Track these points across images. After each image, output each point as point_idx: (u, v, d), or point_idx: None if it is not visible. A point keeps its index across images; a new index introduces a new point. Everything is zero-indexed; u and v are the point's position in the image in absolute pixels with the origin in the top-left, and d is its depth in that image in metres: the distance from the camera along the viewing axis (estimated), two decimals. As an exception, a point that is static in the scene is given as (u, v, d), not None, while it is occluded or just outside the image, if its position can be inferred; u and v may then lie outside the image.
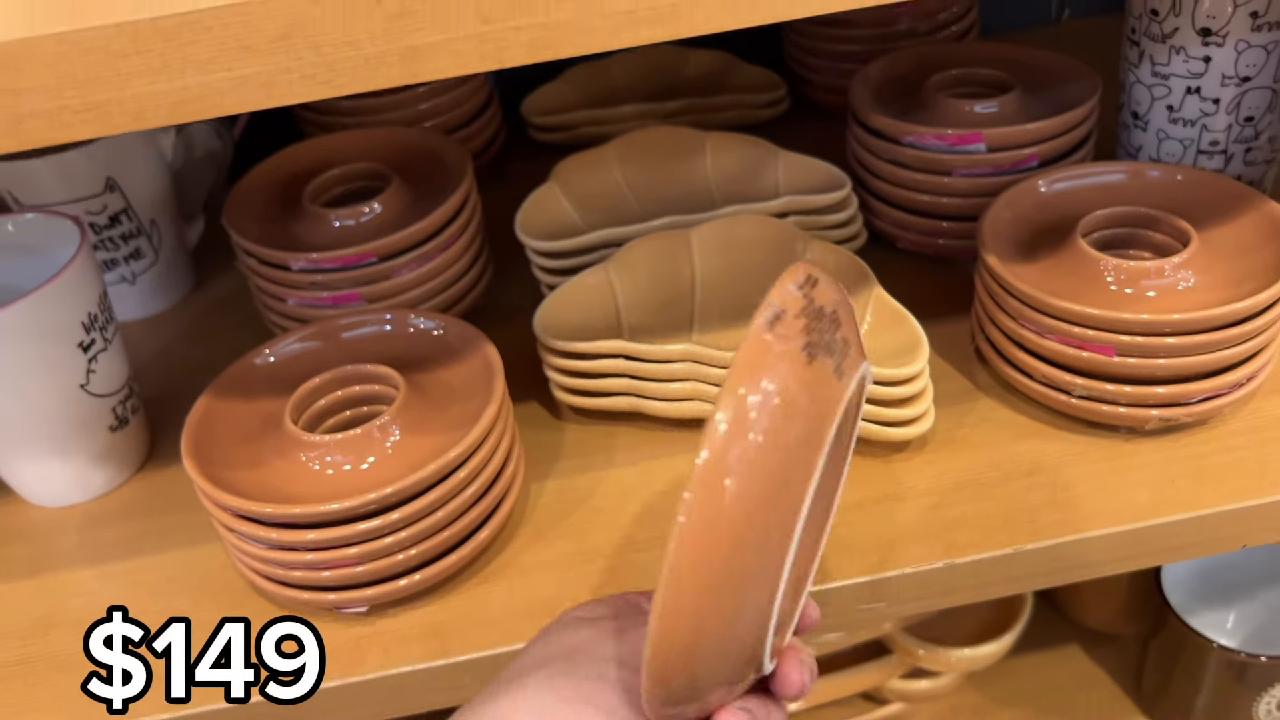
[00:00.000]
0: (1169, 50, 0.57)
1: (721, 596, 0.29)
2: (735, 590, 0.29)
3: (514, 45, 0.30)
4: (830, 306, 0.31)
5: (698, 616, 0.29)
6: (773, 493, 0.28)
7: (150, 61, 0.29)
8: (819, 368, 0.29)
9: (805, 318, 0.30)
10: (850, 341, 0.31)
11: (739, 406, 0.28)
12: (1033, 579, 0.47)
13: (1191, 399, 0.49)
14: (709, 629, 0.29)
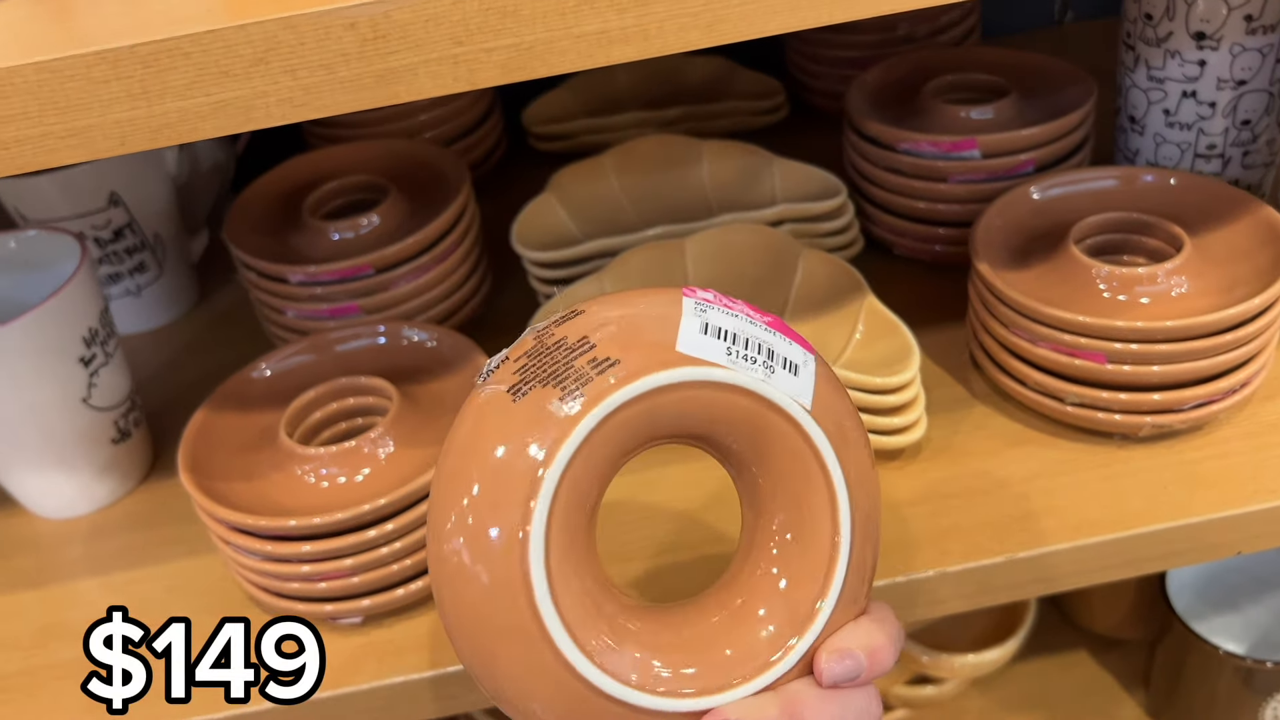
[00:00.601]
0: (1164, 54, 0.57)
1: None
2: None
3: (487, 66, 0.30)
4: (579, 336, 0.30)
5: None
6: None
7: (130, 88, 0.29)
8: (532, 400, 0.29)
9: (525, 358, 0.30)
10: (610, 362, 0.30)
11: (438, 467, 0.30)
12: (1026, 587, 0.47)
13: (1185, 405, 0.48)
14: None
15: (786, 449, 0.32)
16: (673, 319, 0.31)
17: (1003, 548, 0.47)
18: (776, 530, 0.33)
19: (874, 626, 0.33)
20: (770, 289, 0.55)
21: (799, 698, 0.32)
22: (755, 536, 0.34)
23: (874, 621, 0.33)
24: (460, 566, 0.29)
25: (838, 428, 0.33)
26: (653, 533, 0.50)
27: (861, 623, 0.33)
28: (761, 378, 0.31)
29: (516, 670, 0.30)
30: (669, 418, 0.31)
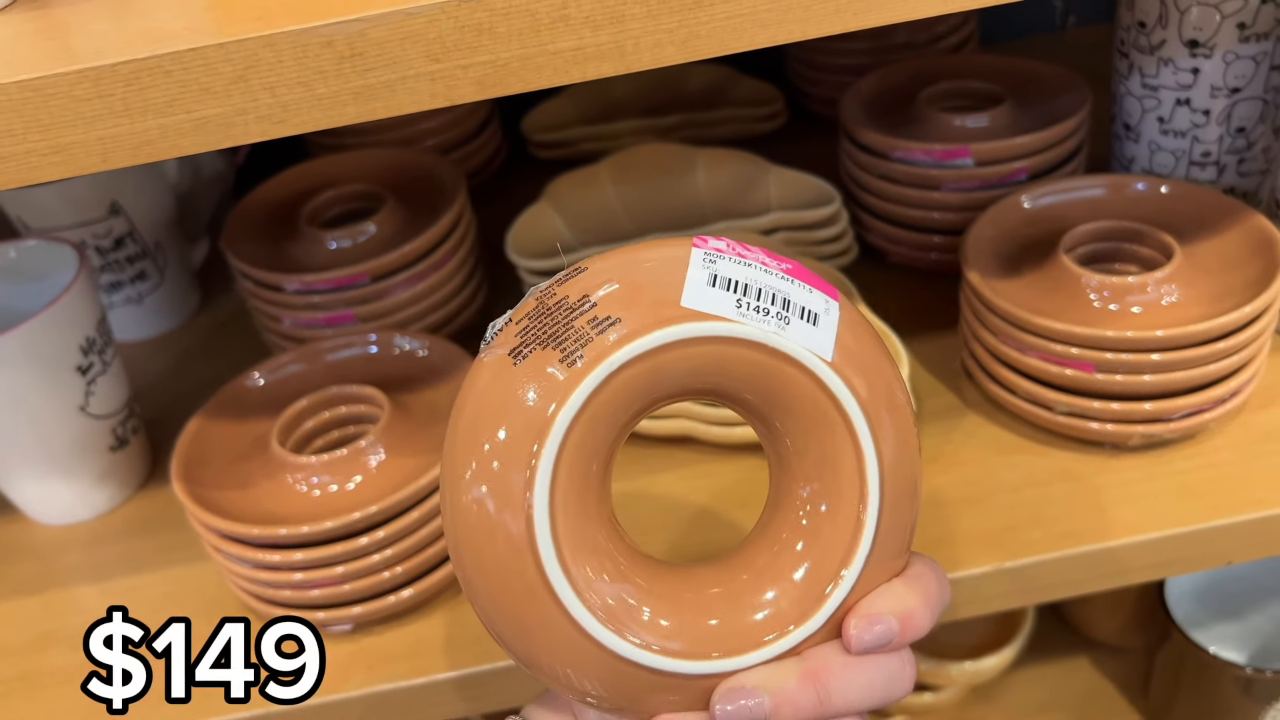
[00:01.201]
0: (1157, 62, 0.57)
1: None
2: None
3: (463, 83, 0.30)
4: (579, 295, 0.29)
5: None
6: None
7: (112, 105, 0.30)
8: (532, 363, 0.29)
9: (527, 320, 0.30)
10: (610, 321, 0.29)
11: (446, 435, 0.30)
12: (1015, 596, 0.47)
13: (1175, 415, 0.48)
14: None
15: (807, 403, 0.31)
16: (678, 272, 0.30)
17: (992, 557, 0.47)
18: (803, 487, 0.32)
19: (907, 589, 0.31)
20: (762, 297, 0.56)
21: (824, 665, 0.30)
22: (781, 495, 0.33)
23: (908, 583, 0.32)
24: (469, 529, 0.29)
25: (865, 379, 0.31)
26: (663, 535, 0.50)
27: (895, 585, 0.32)
28: (775, 329, 0.29)
29: (538, 634, 0.30)
30: (678, 374, 0.30)
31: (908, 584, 0.32)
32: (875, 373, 0.31)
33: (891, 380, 0.32)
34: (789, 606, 0.31)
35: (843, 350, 0.31)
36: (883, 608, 0.31)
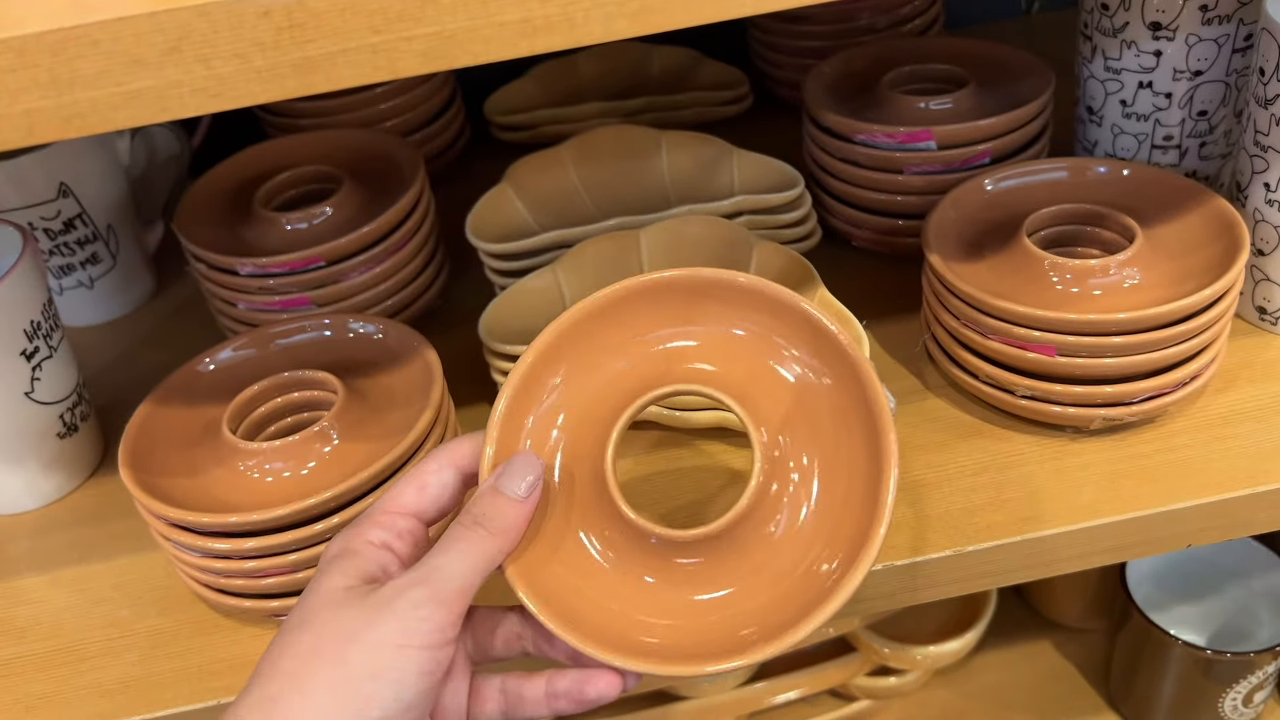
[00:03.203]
0: (1120, 44, 0.57)
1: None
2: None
3: (407, 55, 0.29)
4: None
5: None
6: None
7: (38, 76, 0.28)
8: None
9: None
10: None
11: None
12: (974, 581, 0.47)
13: (1135, 398, 0.48)
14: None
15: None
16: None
17: (953, 541, 0.46)
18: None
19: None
20: (724, 281, 0.55)
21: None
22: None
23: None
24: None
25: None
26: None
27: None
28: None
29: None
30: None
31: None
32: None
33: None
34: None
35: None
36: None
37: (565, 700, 0.36)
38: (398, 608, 0.33)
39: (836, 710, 0.77)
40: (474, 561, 0.34)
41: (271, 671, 0.33)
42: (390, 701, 0.32)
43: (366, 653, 0.32)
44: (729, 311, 0.39)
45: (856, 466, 0.37)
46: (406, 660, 0.32)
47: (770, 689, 0.74)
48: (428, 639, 0.33)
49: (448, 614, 0.33)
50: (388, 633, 0.32)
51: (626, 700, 0.71)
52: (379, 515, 0.36)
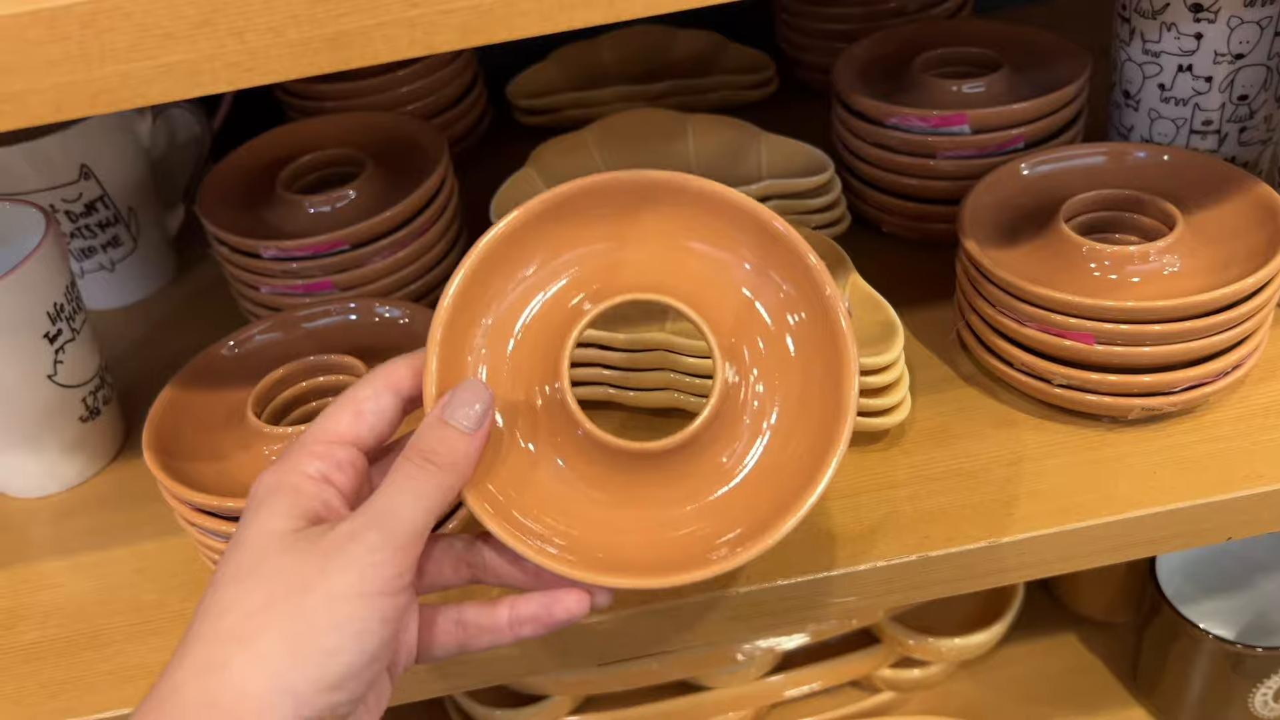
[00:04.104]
0: (1160, 27, 0.55)
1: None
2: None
3: (444, 29, 0.29)
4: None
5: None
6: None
7: (68, 49, 0.28)
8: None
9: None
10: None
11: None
12: (1009, 573, 0.46)
13: (1175, 388, 0.47)
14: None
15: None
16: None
17: (987, 532, 0.46)
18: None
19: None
20: (753, 266, 0.54)
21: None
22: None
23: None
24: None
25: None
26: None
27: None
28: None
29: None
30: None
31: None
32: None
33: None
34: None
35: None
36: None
37: (531, 625, 0.35)
38: (352, 554, 0.30)
39: (859, 702, 0.76)
40: (427, 502, 0.32)
41: (215, 633, 0.30)
42: (355, 654, 0.30)
43: (324, 604, 0.30)
44: (682, 218, 0.38)
45: (813, 378, 0.37)
46: (368, 609, 0.30)
47: (792, 680, 0.73)
48: (387, 585, 0.31)
49: (405, 558, 0.31)
50: (346, 582, 0.30)
51: (648, 690, 0.71)
52: (314, 445, 0.33)
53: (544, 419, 0.37)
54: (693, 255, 0.38)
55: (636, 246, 0.38)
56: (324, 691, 0.29)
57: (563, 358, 0.36)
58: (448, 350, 0.35)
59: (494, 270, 0.37)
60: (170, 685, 0.30)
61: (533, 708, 0.68)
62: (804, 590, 0.45)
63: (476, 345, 0.37)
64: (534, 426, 0.37)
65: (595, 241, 0.38)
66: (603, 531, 0.36)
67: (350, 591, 0.30)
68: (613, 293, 0.37)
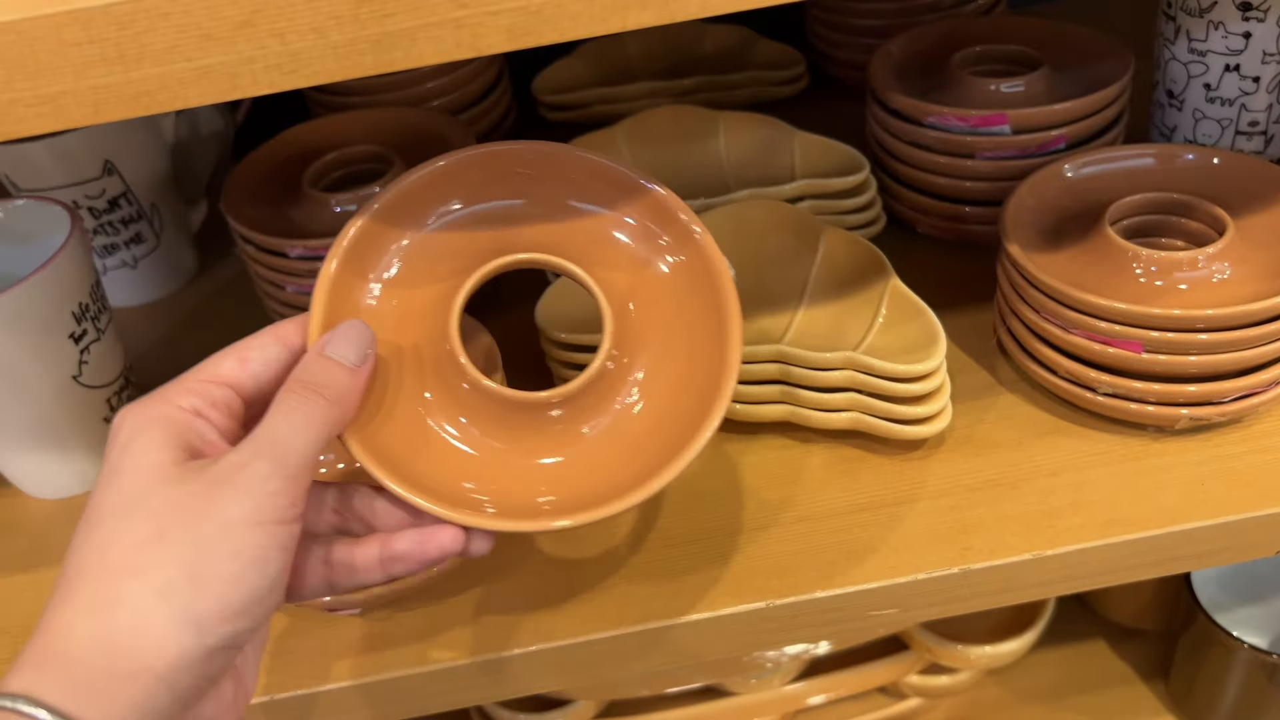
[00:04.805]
0: (1207, 25, 0.54)
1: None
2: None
3: (492, 31, 0.28)
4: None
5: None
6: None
7: (105, 51, 0.27)
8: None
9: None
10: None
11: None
12: (1053, 586, 0.45)
13: (1224, 398, 0.46)
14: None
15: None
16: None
17: (1030, 545, 0.45)
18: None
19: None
20: (789, 268, 0.53)
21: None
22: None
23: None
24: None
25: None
26: (684, 518, 0.48)
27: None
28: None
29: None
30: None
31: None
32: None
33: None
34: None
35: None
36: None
37: (404, 562, 0.34)
38: (244, 483, 0.30)
39: (885, 708, 0.75)
40: (315, 432, 0.32)
41: (103, 568, 0.29)
42: (258, 579, 0.30)
43: (221, 532, 0.29)
44: (571, 185, 0.39)
45: (698, 335, 0.38)
46: (267, 536, 0.30)
47: (818, 686, 0.72)
48: (282, 514, 0.30)
49: (296, 487, 0.31)
50: (241, 510, 0.30)
51: (672, 697, 0.70)
52: (190, 383, 0.33)
53: (432, 371, 0.38)
54: (581, 215, 0.40)
55: (528, 210, 0.40)
56: (227, 620, 0.29)
57: (452, 315, 0.37)
58: (335, 302, 0.36)
59: (382, 232, 0.38)
60: (56, 628, 0.29)
61: (557, 712, 0.68)
62: (844, 602, 0.44)
63: (365, 302, 0.37)
64: (422, 378, 0.37)
65: (485, 201, 0.39)
66: (482, 477, 0.37)
67: (248, 519, 0.30)
68: (503, 253, 0.38)
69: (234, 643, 0.30)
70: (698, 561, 0.46)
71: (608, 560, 0.47)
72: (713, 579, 0.45)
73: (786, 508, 0.47)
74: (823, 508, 0.47)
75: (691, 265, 0.39)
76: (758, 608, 0.44)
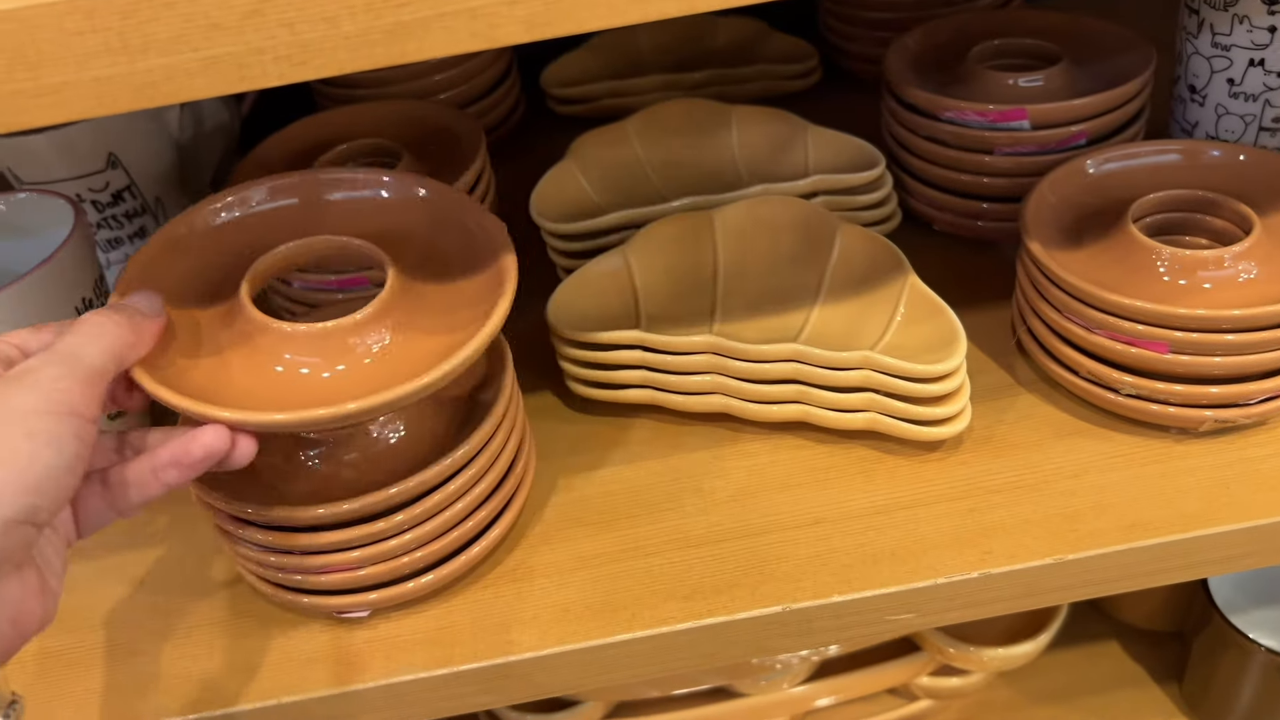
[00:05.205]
0: (1231, 19, 0.53)
1: None
2: None
3: (509, 22, 0.27)
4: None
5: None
6: None
7: (108, 41, 0.26)
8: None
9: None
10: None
11: None
12: (1074, 590, 0.44)
13: (1250, 400, 0.45)
14: None
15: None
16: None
17: (1051, 549, 0.44)
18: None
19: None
20: (804, 266, 0.52)
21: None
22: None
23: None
24: None
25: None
26: (700, 518, 0.47)
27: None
28: None
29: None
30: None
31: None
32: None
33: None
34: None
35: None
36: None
37: (175, 468, 0.36)
38: (33, 381, 0.32)
39: (895, 709, 0.74)
40: (106, 344, 0.35)
41: None
42: (53, 458, 0.31)
43: (16, 418, 0.31)
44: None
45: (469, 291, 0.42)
46: (59, 424, 0.32)
47: (829, 688, 0.71)
48: (73, 407, 0.32)
49: (89, 389, 0.33)
50: (32, 400, 0.32)
51: (680, 698, 0.69)
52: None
53: (222, 321, 0.41)
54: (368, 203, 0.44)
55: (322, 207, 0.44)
56: (23, 493, 0.31)
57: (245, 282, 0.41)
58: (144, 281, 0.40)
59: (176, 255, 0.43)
60: None
61: (565, 713, 0.67)
62: (861, 607, 0.43)
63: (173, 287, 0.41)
64: (219, 328, 0.41)
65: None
66: (253, 390, 0.39)
67: (39, 409, 0.32)
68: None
69: (32, 518, 0.31)
70: (712, 565, 0.45)
71: (621, 564, 0.46)
72: (728, 583, 0.44)
73: (801, 510, 0.47)
74: (838, 510, 0.46)
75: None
76: (774, 612, 0.43)
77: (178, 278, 0.42)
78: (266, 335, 0.40)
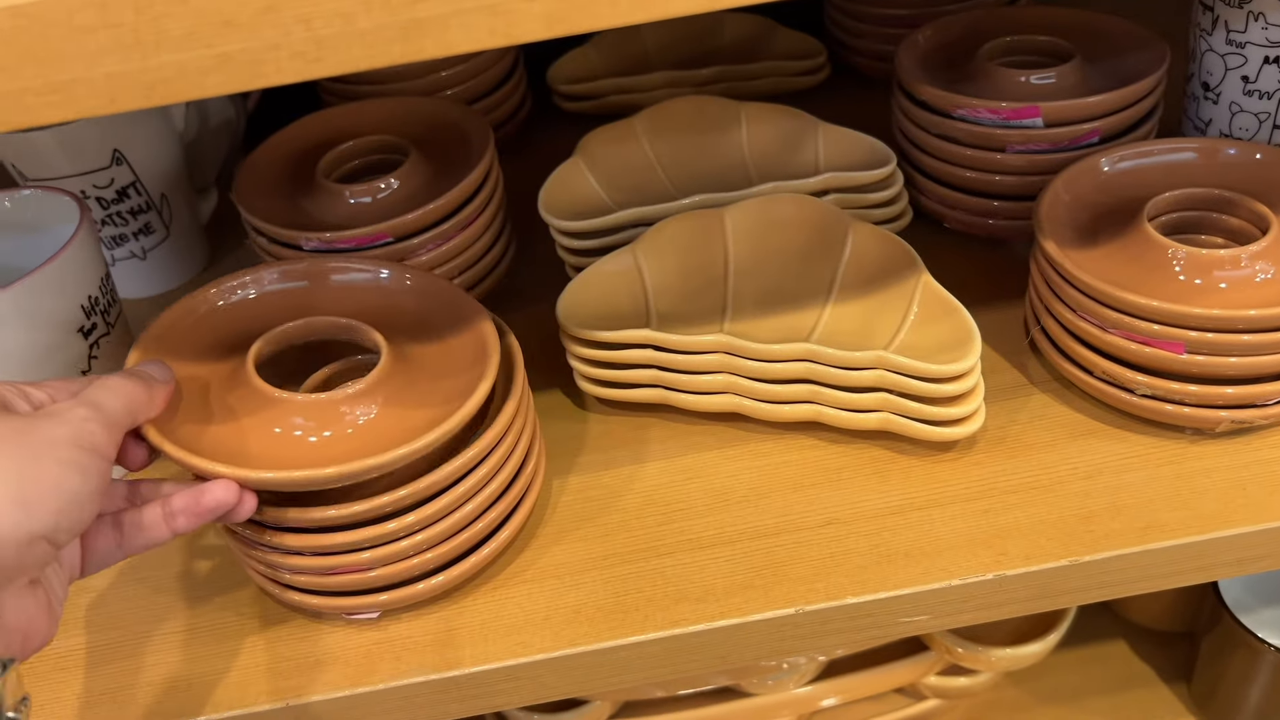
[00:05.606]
0: (1246, 16, 0.53)
1: None
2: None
3: (527, 19, 0.26)
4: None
5: None
6: None
7: (120, 37, 0.25)
8: None
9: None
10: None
11: None
12: (1089, 592, 0.44)
13: (1267, 400, 0.45)
14: None
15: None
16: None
17: (1066, 550, 0.43)
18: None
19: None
20: (816, 264, 0.52)
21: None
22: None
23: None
24: None
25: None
26: (710, 518, 0.47)
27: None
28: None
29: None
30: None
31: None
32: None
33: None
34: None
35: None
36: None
37: (184, 516, 0.39)
38: (64, 417, 0.34)
39: (902, 709, 0.74)
40: (126, 399, 0.37)
41: None
42: (80, 485, 0.33)
43: (46, 446, 0.33)
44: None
45: (455, 362, 0.45)
46: (85, 456, 0.34)
47: (836, 687, 0.71)
48: (97, 446, 0.35)
49: (109, 435, 0.36)
50: (63, 433, 0.34)
51: (688, 698, 0.69)
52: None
53: (227, 387, 0.44)
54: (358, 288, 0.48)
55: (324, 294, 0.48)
56: (51, 513, 0.33)
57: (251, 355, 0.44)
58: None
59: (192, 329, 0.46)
60: None
61: (572, 712, 0.66)
62: (875, 609, 0.43)
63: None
64: (224, 394, 0.44)
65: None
66: (258, 452, 0.41)
67: (69, 441, 0.34)
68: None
69: (54, 538, 0.33)
70: (725, 566, 0.45)
71: (632, 565, 0.45)
72: (741, 584, 0.44)
73: (814, 511, 0.46)
74: (851, 511, 0.46)
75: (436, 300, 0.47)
76: (787, 614, 0.42)
77: (190, 347, 0.45)
78: (270, 403, 0.43)
